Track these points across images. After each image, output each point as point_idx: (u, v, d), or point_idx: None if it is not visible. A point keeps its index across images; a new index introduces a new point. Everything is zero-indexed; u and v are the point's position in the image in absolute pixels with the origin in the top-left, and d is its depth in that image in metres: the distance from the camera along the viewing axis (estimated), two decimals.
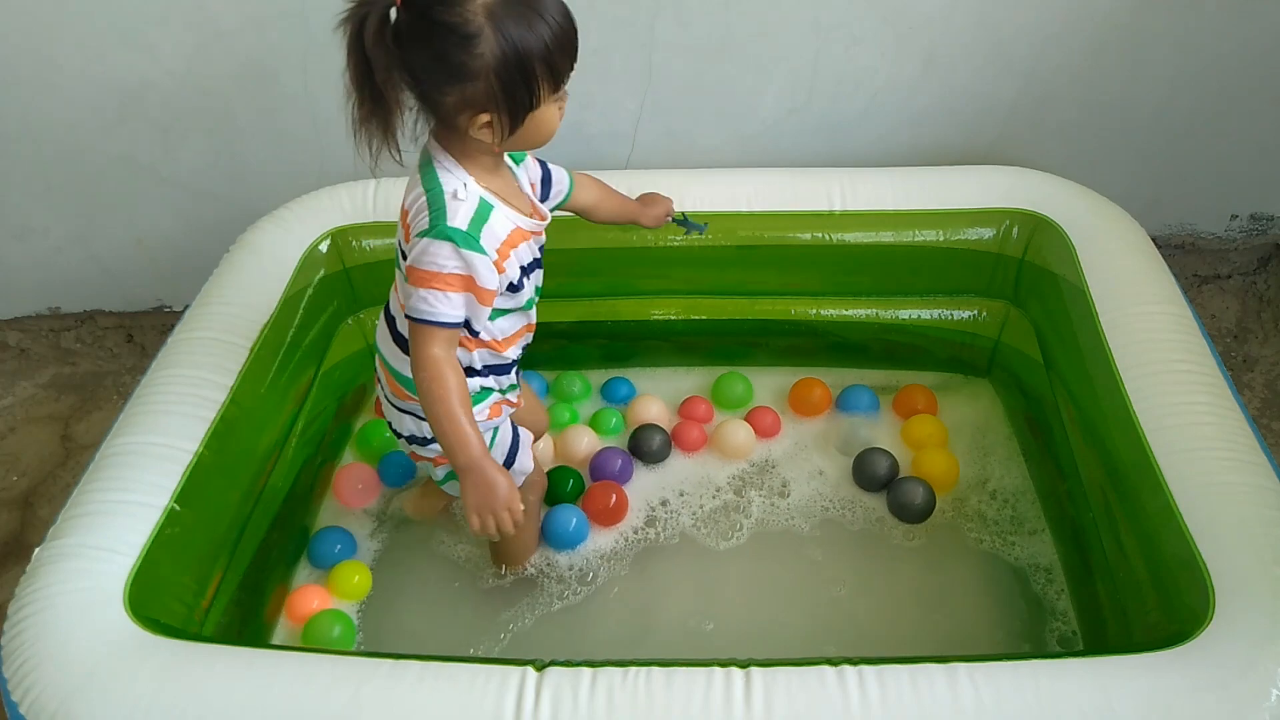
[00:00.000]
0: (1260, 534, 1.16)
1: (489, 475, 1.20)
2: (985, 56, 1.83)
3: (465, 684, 1.05)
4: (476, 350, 1.31)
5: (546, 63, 1.13)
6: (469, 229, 1.18)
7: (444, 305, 1.18)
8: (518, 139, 1.18)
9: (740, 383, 1.85)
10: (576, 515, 1.61)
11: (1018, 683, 1.03)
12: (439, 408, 1.20)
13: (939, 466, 1.68)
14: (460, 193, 1.18)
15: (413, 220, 1.21)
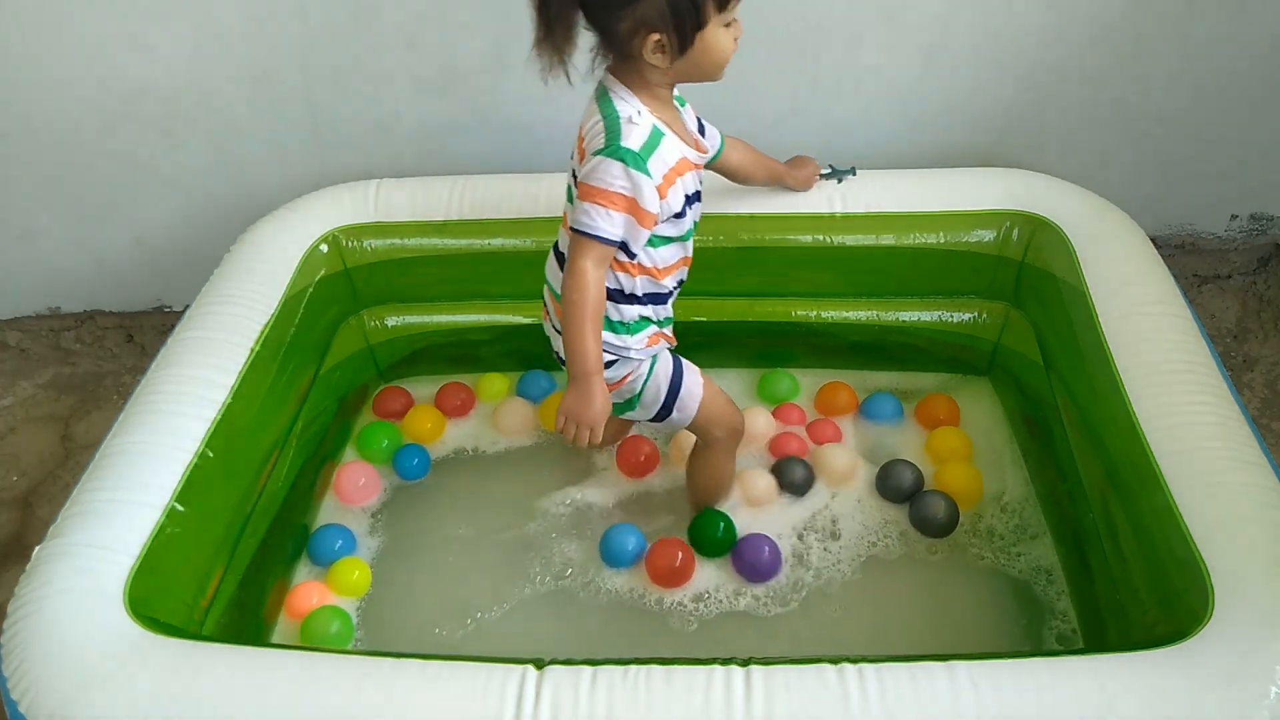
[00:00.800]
0: (1260, 534, 1.16)
1: (592, 390, 1.29)
2: (985, 57, 1.83)
3: (466, 683, 1.05)
4: (639, 276, 1.37)
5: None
6: (640, 151, 1.25)
7: (604, 221, 1.25)
8: (689, 64, 1.25)
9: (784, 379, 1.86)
10: (635, 537, 1.59)
11: (1018, 681, 1.03)
12: (573, 313, 1.28)
13: (961, 482, 1.66)
14: (635, 118, 1.27)
15: (589, 142, 1.29)
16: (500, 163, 1.90)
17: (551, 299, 1.45)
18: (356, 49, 1.80)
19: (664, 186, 1.28)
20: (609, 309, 1.37)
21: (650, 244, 1.34)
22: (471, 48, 1.80)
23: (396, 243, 1.76)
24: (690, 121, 1.41)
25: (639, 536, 1.59)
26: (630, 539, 1.58)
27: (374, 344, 1.86)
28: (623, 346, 1.40)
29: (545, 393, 1.87)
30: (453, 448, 1.81)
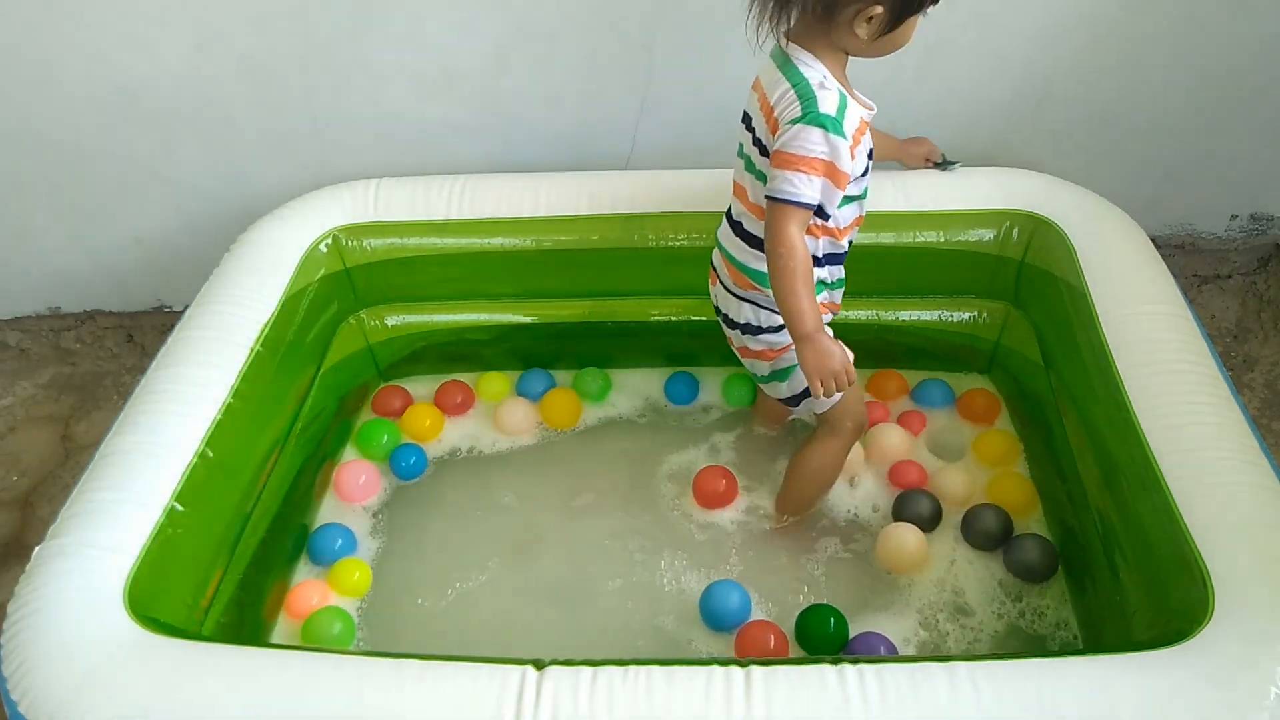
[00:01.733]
0: (1260, 534, 1.16)
1: (823, 342, 1.30)
2: (984, 57, 1.83)
3: (466, 683, 1.06)
4: (822, 238, 1.41)
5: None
6: (836, 115, 1.29)
7: (805, 187, 1.29)
8: (884, 43, 1.30)
9: (746, 384, 1.86)
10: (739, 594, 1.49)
11: (1018, 682, 1.03)
12: (787, 280, 1.30)
13: (1014, 493, 1.63)
14: (825, 83, 1.30)
15: (781, 112, 1.31)
16: (500, 163, 1.90)
17: (725, 264, 1.51)
18: (356, 49, 1.80)
19: (853, 147, 1.32)
20: None
21: (838, 204, 1.37)
22: (471, 48, 1.80)
23: (396, 242, 1.76)
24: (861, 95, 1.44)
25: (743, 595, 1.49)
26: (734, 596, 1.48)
27: (374, 343, 1.86)
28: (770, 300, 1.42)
29: (545, 391, 1.87)
30: (452, 447, 1.81)
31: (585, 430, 1.84)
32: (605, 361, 1.90)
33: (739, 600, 1.47)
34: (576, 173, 1.79)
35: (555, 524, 1.68)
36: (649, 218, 1.73)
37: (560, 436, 1.82)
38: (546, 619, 1.53)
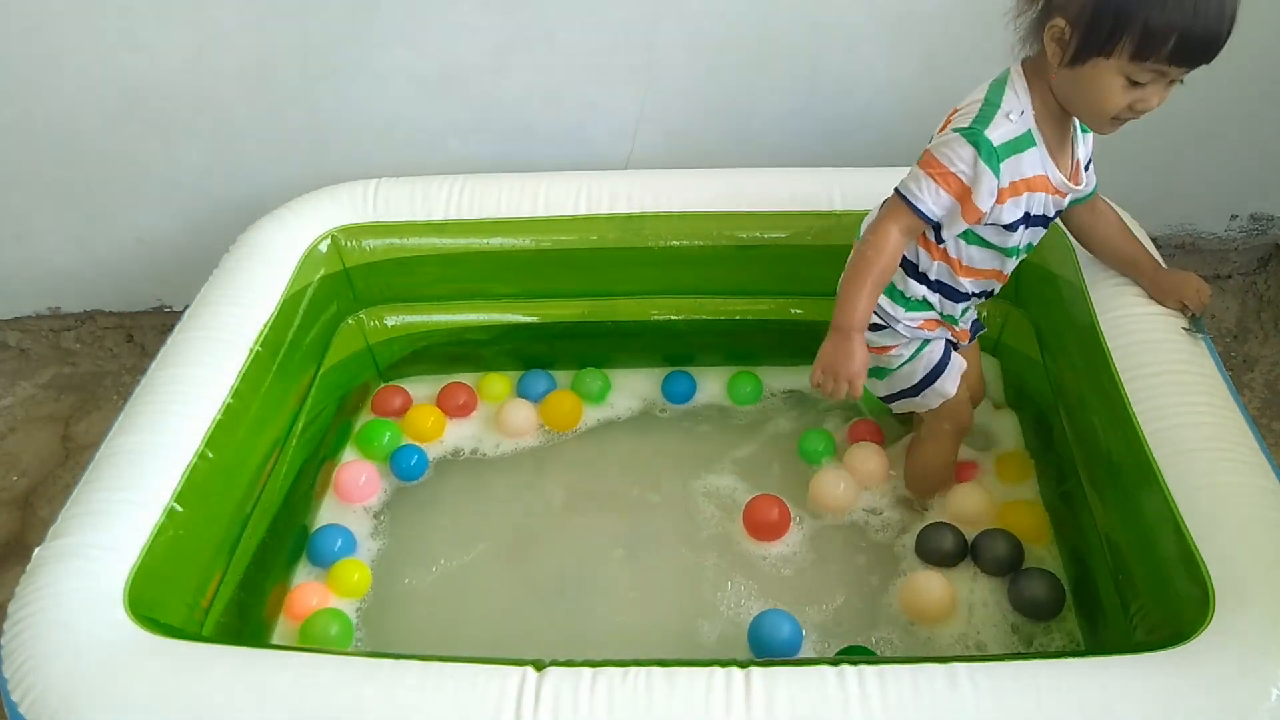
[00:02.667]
0: (1260, 534, 1.16)
1: (852, 345, 1.29)
2: (985, 56, 1.82)
3: (466, 684, 1.05)
4: (937, 261, 1.35)
5: (1146, 24, 1.09)
6: (999, 148, 1.21)
7: (929, 196, 1.24)
8: (1073, 85, 1.18)
9: (750, 382, 1.86)
10: (790, 624, 1.43)
11: (1018, 683, 1.03)
12: (859, 267, 1.28)
13: (1027, 520, 1.58)
14: (1014, 115, 1.22)
15: (958, 116, 1.26)
16: (500, 163, 1.90)
17: None
18: (356, 49, 1.80)
19: (1006, 193, 1.24)
20: (895, 274, 1.36)
21: (964, 237, 1.31)
22: (471, 48, 1.80)
23: (396, 242, 1.76)
24: (1081, 150, 1.33)
25: (794, 624, 1.44)
26: (785, 626, 1.43)
27: (373, 344, 1.86)
28: (892, 316, 1.40)
29: (545, 392, 1.87)
30: (453, 448, 1.81)
31: (585, 431, 1.84)
32: (605, 362, 1.90)
33: (790, 631, 1.43)
34: (576, 173, 1.79)
35: (555, 525, 1.68)
36: (649, 218, 1.73)
37: (560, 438, 1.82)
38: (546, 619, 1.53)
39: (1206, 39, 1.09)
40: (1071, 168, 1.30)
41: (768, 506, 1.60)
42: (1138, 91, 1.15)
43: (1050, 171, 1.27)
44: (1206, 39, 1.09)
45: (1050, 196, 1.30)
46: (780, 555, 1.59)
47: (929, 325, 1.43)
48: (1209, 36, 1.09)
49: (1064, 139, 1.28)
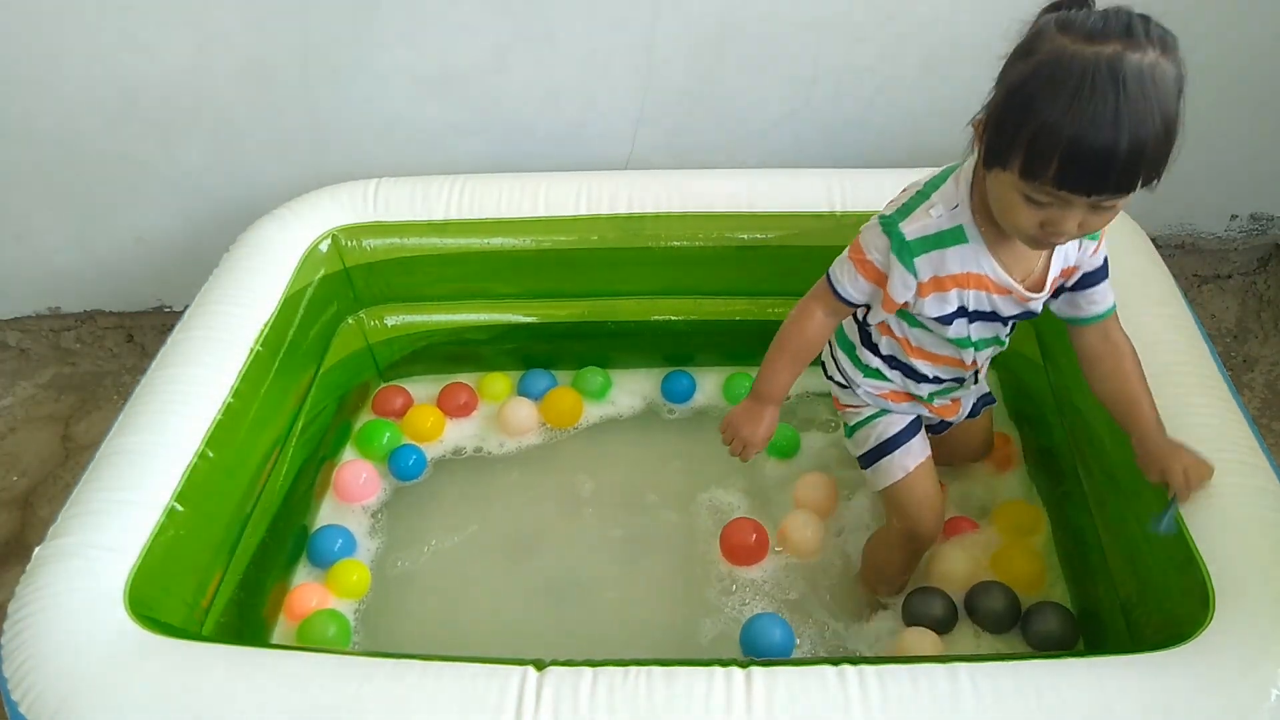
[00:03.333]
0: (1260, 535, 1.16)
1: (763, 414, 1.32)
2: (985, 56, 1.82)
3: (466, 684, 1.05)
4: (885, 337, 1.32)
5: (1031, 141, 0.98)
6: (912, 243, 1.16)
7: (848, 281, 1.23)
8: (989, 189, 1.08)
9: (747, 382, 1.86)
10: (782, 628, 1.43)
11: (1018, 683, 1.03)
12: (780, 342, 1.30)
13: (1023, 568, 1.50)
14: (938, 210, 1.15)
15: (896, 198, 1.22)
16: (500, 163, 1.90)
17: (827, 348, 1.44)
18: (356, 49, 1.80)
19: (927, 287, 1.18)
20: (853, 334, 1.36)
21: (904, 318, 1.26)
22: (471, 48, 1.80)
23: (396, 242, 1.76)
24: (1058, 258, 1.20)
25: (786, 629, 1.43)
26: (776, 630, 1.42)
27: (374, 343, 1.86)
28: (852, 379, 1.39)
29: (546, 390, 1.87)
30: (453, 448, 1.81)
31: (586, 429, 1.84)
32: (605, 362, 1.90)
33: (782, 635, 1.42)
34: (576, 173, 1.79)
35: (556, 524, 1.68)
36: (649, 218, 1.73)
37: (561, 436, 1.82)
38: (547, 619, 1.53)
39: (1096, 165, 0.96)
40: (1037, 272, 1.19)
41: (745, 530, 1.56)
42: (1043, 213, 1.02)
43: (991, 271, 1.17)
44: (1096, 165, 0.96)
45: (1000, 296, 1.20)
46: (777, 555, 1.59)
47: (893, 397, 1.37)
48: (1099, 162, 0.96)
49: (1010, 242, 1.16)
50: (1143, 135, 0.96)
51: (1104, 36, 0.97)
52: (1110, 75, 0.95)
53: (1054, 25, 1.01)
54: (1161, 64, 0.98)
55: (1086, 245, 1.21)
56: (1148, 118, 0.96)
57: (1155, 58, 0.98)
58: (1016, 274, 1.19)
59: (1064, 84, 0.96)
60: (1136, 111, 0.95)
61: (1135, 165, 0.97)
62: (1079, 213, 1.02)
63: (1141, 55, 0.97)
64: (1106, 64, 0.95)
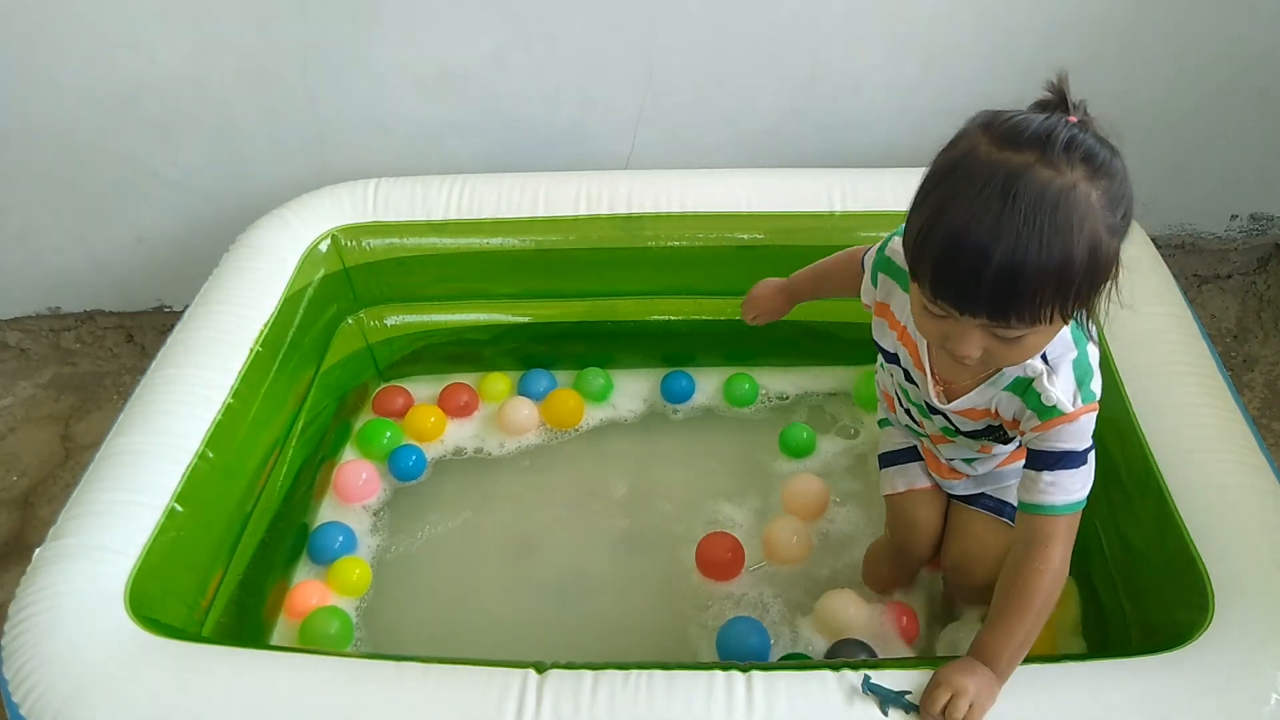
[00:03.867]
0: (1260, 535, 1.16)
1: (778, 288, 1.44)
2: (985, 56, 1.83)
3: (467, 686, 1.05)
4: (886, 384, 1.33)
5: (916, 244, 0.94)
6: (884, 258, 1.19)
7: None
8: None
9: (747, 383, 1.86)
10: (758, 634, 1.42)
11: (1016, 687, 1.03)
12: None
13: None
14: (896, 245, 1.15)
15: None
16: (500, 163, 1.90)
17: None
18: (356, 49, 1.80)
19: (876, 307, 1.22)
20: None
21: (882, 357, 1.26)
22: (471, 48, 1.80)
23: (396, 242, 1.76)
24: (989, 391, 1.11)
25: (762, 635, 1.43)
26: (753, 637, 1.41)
27: (373, 343, 1.86)
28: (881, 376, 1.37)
29: (547, 391, 1.87)
30: (454, 447, 1.81)
31: (587, 431, 1.84)
32: (605, 362, 1.90)
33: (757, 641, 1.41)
34: (576, 173, 1.79)
35: (556, 525, 1.68)
36: (649, 218, 1.73)
37: (562, 437, 1.82)
38: (547, 621, 1.53)
39: (957, 285, 0.90)
40: (964, 382, 1.12)
41: (721, 545, 1.54)
42: (942, 326, 0.97)
43: (919, 355, 1.14)
44: (957, 285, 0.90)
45: (919, 375, 1.16)
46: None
47: (890, 403, 1.34)
48: (967, 276, 0.89)
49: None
50: (1023, 258, 0.86)
51: (1019, 145, 0.89)
52: (1004, 188, 0.87)
53: (980, 122, 0.94)
54: (1080, 189, 0.88)
55: (1029, 414, 1.08)
56: (1035, 241, 0.86)
57: (1073, 180, 0.88)
58: (938, 372, 1.14)
59: (954, 187, 0.90)
60: (1022, 231, 0.86)
61: (1012, 288, 0.88)
62: (976, 335, 0.94)
63: (1054, 174, 0.87)
64: (1005, 175, 0.87)
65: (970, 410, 1.14)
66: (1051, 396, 1.05)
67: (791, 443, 1.74)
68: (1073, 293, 0.90)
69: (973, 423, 1.17)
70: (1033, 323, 0.91)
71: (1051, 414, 1.06)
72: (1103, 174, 0.91)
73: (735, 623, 1.43)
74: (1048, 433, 1.07)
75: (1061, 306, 0.91)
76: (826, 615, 1.42)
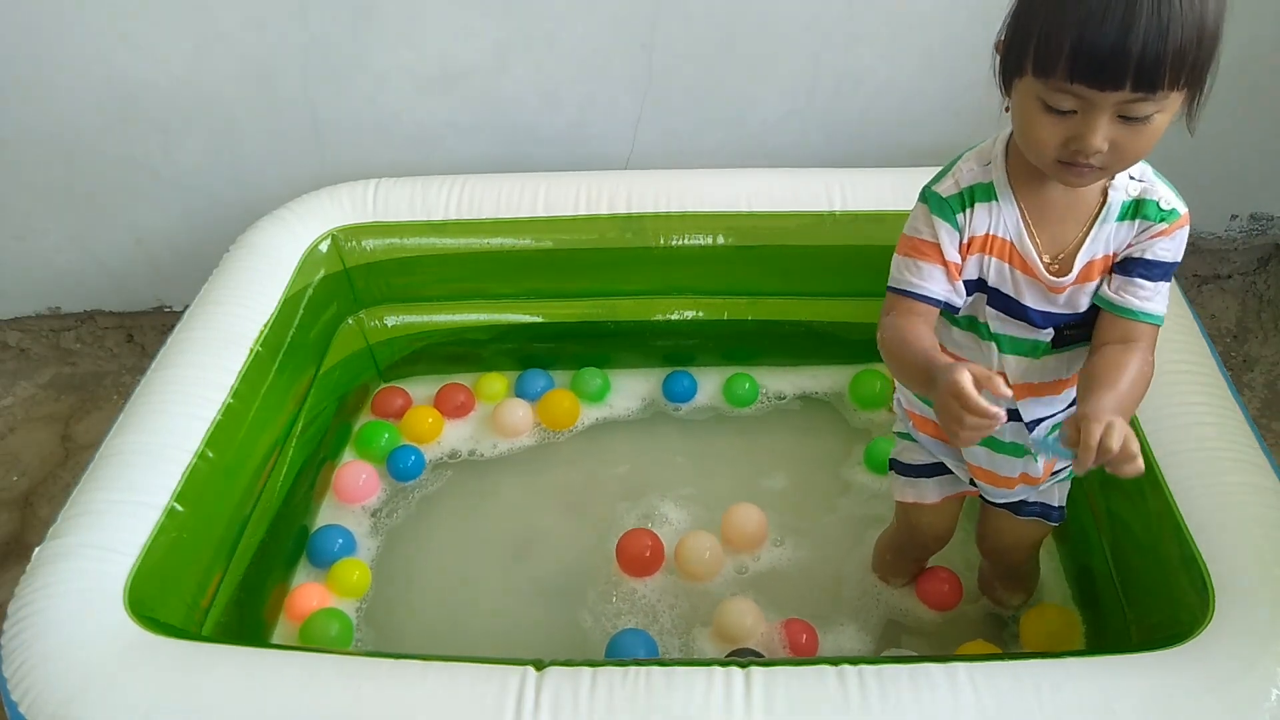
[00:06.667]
0: (1260, 534, 1.16)
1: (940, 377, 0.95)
2: (985, 56, 1.82)
3: (466, 684, 1.05)
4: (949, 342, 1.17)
5: (1043, 31, 0.91)
6: (948, 200, 1.07)
7: (912, 274, 1.08)
8: (1013, 118, 1.00)
9: (747, 382, 1.86)
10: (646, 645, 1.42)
11: (1017, 682, 1.03)
12: (889, 363, 1.09)
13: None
14: (969, 166, 1.08)
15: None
16: (500, 163, 1.90)
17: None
18: (356, 49, 1.80)
19: (965, 248, 1.08)
20: None
21: (947, 316, 1.13)
22: (471, 48, 1.80)
23: (396, 242, 1.76)
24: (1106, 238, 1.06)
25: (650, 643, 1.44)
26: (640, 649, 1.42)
27: (373, 344, 1.86)
28: (902, 388, 1.29)
29: (543, 391, 1.87)
30: (452, 448, 1.81)
31: (583, 431, 1.84)
32: (604, 362, 1.90)
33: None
34: (576, 173, 1.79)
35: (554, 524, 1.68)
36: (649, 218, 1.73)
37: (558, 437, 1.82)
38: (546, 619, 1.53)
39: (1103, 55, 0.88)
40: (1067, 251, 1.07)
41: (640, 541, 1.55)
42: (1066, 125, 0.94)
43: (1016, 237, 1.07)
44: (1103, 55, 0.88)
45: (1023, 276, 1.08)
46: (773, 557, 1.59)
47: (922, 424, 1.28)
48: (1106, 52, 0.88)
49: (1054, 208, 1.07)
50: (1165, 19, 0.87)
51: None
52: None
53: None
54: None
55: (1148, 226, 1.06)
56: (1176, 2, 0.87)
57: None
58: (1045, 248, 1.07)
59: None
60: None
61: (1158, 54, 0.87)
62: (1105, 123, 0.92)
63: None
64: None
65: (1090, 266, 1.06)
66: (1170, 200, 1.06)
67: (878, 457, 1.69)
68: (1203, 59, 0.90)
69: (1087, 291, 1.08)
70: (1171, 87, 0.90)
71: (1173, 216, 1.06)
72: None
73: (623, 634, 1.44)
74: (1170, 238, 1.06)
75: (1193, 73, 0.90)
76: (722, 623, 1.44)
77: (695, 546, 1.55)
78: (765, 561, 1.59)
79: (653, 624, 1.50)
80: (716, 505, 1.65)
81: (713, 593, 1.54)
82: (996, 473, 1.23)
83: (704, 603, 1.52)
